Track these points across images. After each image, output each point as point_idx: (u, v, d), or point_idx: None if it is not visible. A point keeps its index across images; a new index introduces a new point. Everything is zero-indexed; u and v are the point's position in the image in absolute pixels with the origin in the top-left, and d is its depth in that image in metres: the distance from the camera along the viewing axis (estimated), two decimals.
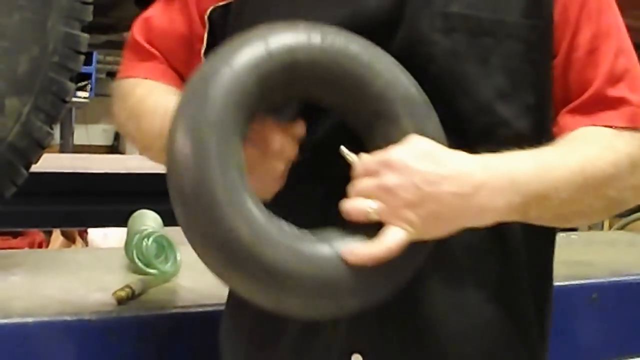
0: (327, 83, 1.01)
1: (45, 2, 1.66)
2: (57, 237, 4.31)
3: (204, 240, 0.95)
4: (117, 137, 8.89)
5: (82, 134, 8.43)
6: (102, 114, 8.45)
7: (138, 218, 1.92)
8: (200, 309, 1.51)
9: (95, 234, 4.28)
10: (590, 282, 1.96)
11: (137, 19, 1.28)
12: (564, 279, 1.87)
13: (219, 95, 0.95)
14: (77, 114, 8.11)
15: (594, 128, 1.10)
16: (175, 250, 1.75)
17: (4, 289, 1.57)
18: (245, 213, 0.94)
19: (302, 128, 1.05)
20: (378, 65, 1.02)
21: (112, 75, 8.15)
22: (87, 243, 4.33)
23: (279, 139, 1.02)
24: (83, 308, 1.45)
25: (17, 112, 1.64)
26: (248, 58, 0.97)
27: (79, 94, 7.47)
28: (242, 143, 0.97)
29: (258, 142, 1.01)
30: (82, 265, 1.87)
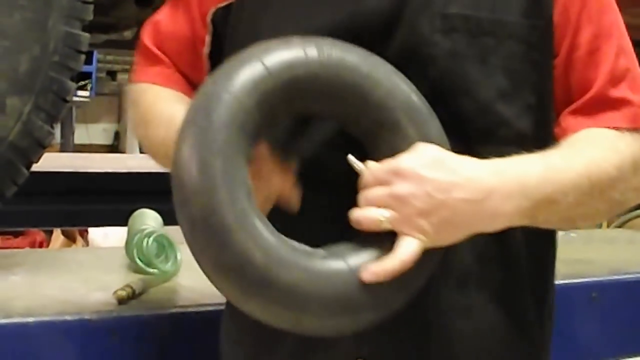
0: (327, 95, 1.01)
1: (46, 1, 1.66)
2: (57, 236, 4.31)
3: (217, 268, 0.94)
4: (117, 136, 8.90)
5: (82, 133, 8.44)
6: (102, 113, 8.46)
7: (138, 217, 1.92)
8: (201, 309, 1.51)
9: (96, 234, 4.28)
10: (590, 280, 1.96)
11: (146, 23, 1.29)
12: (564, 278, 1.85)
13: (222, 122, 0.94)
14: (77, 113, 8.12)
15: (597, 129, 1.10)
16: (176, 250, 1.74)
17: (5, 289, 1.57)
18: (256, 236, 0.93)
19: (296, 164, 1.05)
20: (377, 75, 1.01)
21: (112, 75, 8.16)
22: (87, 242, 4.33)
23: (273, 173, 1.03)
24: (84, 308, 1.45)
25: (17, 111, 1.64)
26: (247, 79, 0.96)
27: (80, 93, 7.49)
28: (247, 164, 0.96)
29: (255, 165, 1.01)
30: (82, 265, 1.87)
